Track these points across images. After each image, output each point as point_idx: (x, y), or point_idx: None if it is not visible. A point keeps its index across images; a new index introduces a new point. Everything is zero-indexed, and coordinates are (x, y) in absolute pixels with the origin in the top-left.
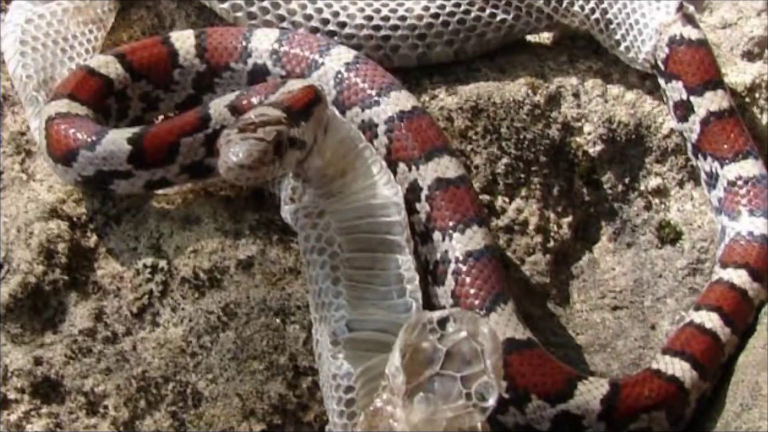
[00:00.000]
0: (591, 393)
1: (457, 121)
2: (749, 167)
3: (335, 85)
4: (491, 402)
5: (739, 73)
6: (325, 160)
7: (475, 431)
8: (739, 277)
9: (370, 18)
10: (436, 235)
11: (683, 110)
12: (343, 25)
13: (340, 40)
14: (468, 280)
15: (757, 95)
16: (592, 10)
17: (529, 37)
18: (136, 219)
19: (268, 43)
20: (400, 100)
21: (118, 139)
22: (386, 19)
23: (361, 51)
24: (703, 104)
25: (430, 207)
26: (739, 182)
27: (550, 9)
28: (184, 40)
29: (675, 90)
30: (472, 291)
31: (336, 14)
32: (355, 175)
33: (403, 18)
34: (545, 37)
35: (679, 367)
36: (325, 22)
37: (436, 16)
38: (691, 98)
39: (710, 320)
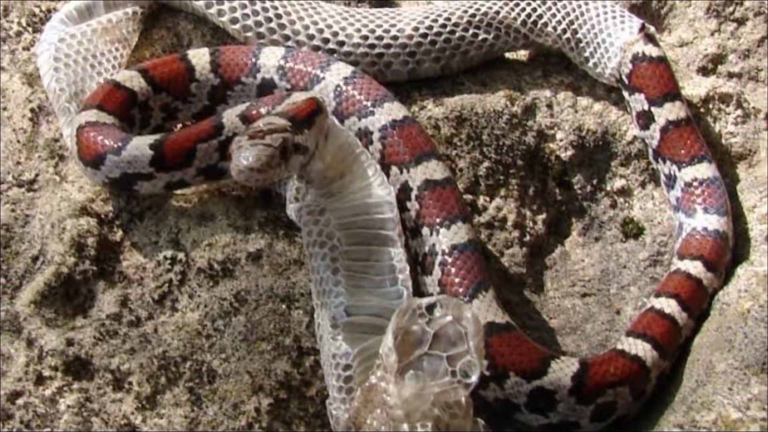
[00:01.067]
0: (563, 371)
1: (444, 129)
2: (704, 170)
3: (335, 97)
4: (474, 379)
5: (694, 87)
6: (325, 164)
7: (460, 405)
8: (695, 267)
9: (366, 38)
10: (425, 231)
11: (645, 119)
12: (342, 43)
13: (339, 57)
14: (453, 270)
15: (710, 106)
16: (564, 31)
17: (508, 55)
18: (157, 216)
19: (275, 60)
20: (393, 110)
21: (141, 145)
22: (380, 38)
23: (358, 67)
24: (663, 114)
25: (419, 205)
26: (695, 183)
27: (527, 29)
28: (200, 57)
29: (638, 101)
30: (456, 280)
31: (335, 34)
32: (353, 177)
33: (395, 38)
34: (522, 54)
35: (641, 348)
36: (326, 41)
37: (424, 35)
38: (652, 109)
39: (669, 306)
